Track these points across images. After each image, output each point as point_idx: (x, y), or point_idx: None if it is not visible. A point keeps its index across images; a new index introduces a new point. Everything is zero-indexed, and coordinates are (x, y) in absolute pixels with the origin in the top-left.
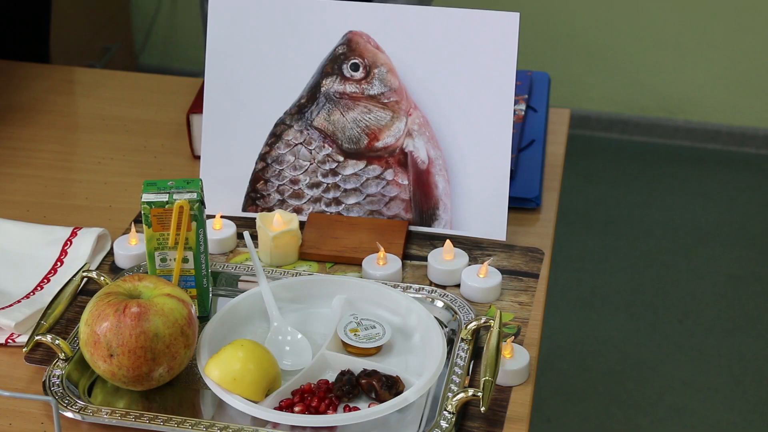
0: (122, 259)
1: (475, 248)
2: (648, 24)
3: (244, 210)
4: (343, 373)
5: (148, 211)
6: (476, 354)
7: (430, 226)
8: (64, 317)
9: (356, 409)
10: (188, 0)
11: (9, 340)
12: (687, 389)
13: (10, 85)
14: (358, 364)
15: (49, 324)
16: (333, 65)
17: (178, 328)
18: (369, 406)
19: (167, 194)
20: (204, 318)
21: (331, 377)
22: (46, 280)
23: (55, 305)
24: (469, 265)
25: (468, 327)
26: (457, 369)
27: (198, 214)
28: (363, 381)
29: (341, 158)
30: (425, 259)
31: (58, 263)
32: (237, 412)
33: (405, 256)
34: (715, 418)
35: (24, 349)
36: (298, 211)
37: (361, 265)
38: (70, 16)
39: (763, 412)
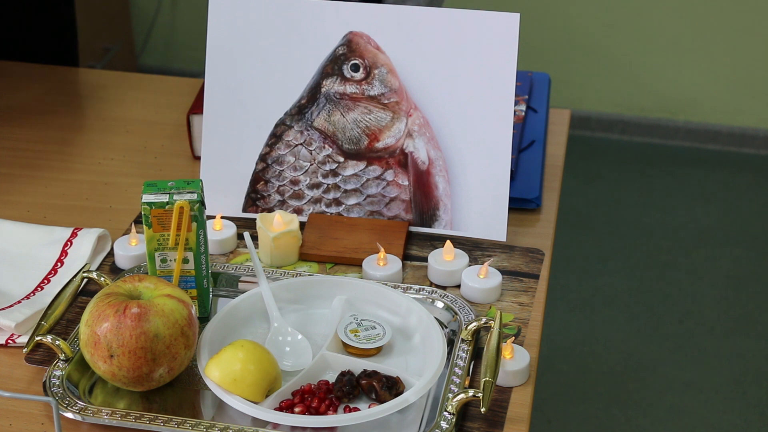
0: (122, 259)
1: (475, 249)
2: (648, 25)
3: (244, 211)
4: (343, 374)
5: (148, 211)
6: (476, 355)
7: (430, 226)
8: (65, 318)
9: (356, 409)
10: (188, 0)
11: (9, 341)
12: (687, 390)
13: (10, 85)
14: (358, 365)
15: (50, 325)
16: (333, 66)
17: (179, 329)
18: (369, 407)
19: (167, 195)
20: (204, 318)
21: (331, 378)
22: (46, 281)
23: (55, 306)
24: (470, 265)
25: (468, 328)
26: (457, 370)
27: (198, 215)
28: (363, 381)
29: (341, 159)
30: (425, 259)
31: (59, 264)
32: (237, 413)
33: (405, 257)
34: (715, 418)
35: (24, 350)
36: (298, 211)
37: (361, 265)
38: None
39: (763, 412)
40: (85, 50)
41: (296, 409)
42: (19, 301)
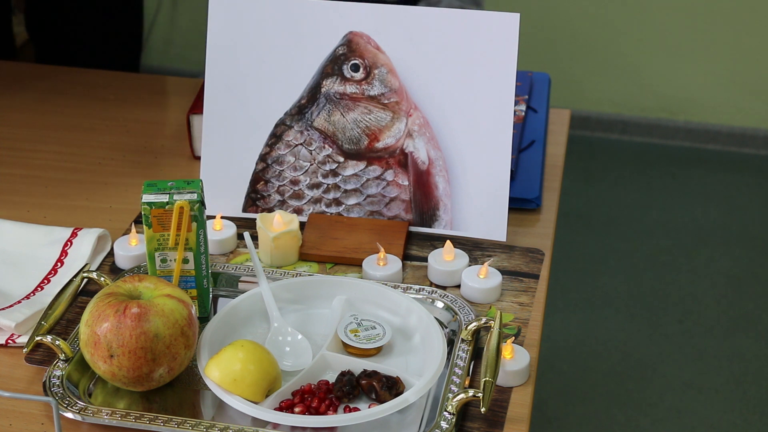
0: (122, 259)
1: (475, 249)
2: (648, 24)
3: (244, 211)
4: (343, 374)
5: (148, 211)
6: (476, 355)
7: (430, 226)
8: (65, 318)
9: (356, 409)
10: (188, 0)
11: (9, 341)
12: (687, 390)
13: (10, 85)
14: (358, 365)
15: (50, 325)
16: (333, 66)
17: (179, 329)
18: (369, 407)
19: (167, 195)
20: (204, 318)
21: (331, 378)
22: (46, 281)
23: (55, 306)
24: (470, 265)
25: (468, 328)
26: (457, 370)
27: (198, 215)
28: (363, 381)
29: (341, 159)
30: (425, 259)
31: (59, 264)
32: (237, 413)
33: (405, 257)
34: (715, 418)
35: (24, 350)
36: (298, 211)
37: (361, 265)
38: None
39: (763, 412)
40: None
41: (296, 409)
42: (19, 301)
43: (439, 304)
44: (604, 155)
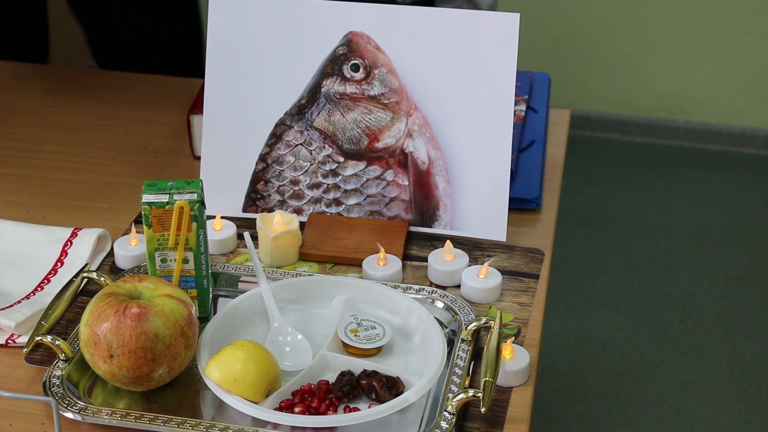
0: (122, 259)
1: (475, 249)
2: (648, 24)
3: (244, 211)
4: (343, 374)
5: (148, 211)
6: (476, 355)
7: (430, 226)
8: (65, 318)
9: (356, 409)
10: None
11: (9, 341)
12: (687, 390)
13: (10, 85)
14: (358, 365)
15: (50, 325)
16: (333, 66)
17: (179, 329)
18: (369, 407)
19: (167, 195)
20: (204, 318)
21: (331, 378)
22: (46, 281)
23: (55, 306)
24: (470, 265)
25: (468, 327)
26: (457, 370)
27: (198, 215)
28: (363, 381)
29: (341, 159)
30: (425, 259)
31: (59, 264)
32: (237, 413)
33: (405, 257)
34: (715, 418)
35: (24, 350)
36: (298, 211)
37: (361, 265)
38: (70, 16)
39: (763, 412)
40: (85, 50)
41: (296, 409)
42: (19, 301)
43: (439, 304)
44: (604, 155)
